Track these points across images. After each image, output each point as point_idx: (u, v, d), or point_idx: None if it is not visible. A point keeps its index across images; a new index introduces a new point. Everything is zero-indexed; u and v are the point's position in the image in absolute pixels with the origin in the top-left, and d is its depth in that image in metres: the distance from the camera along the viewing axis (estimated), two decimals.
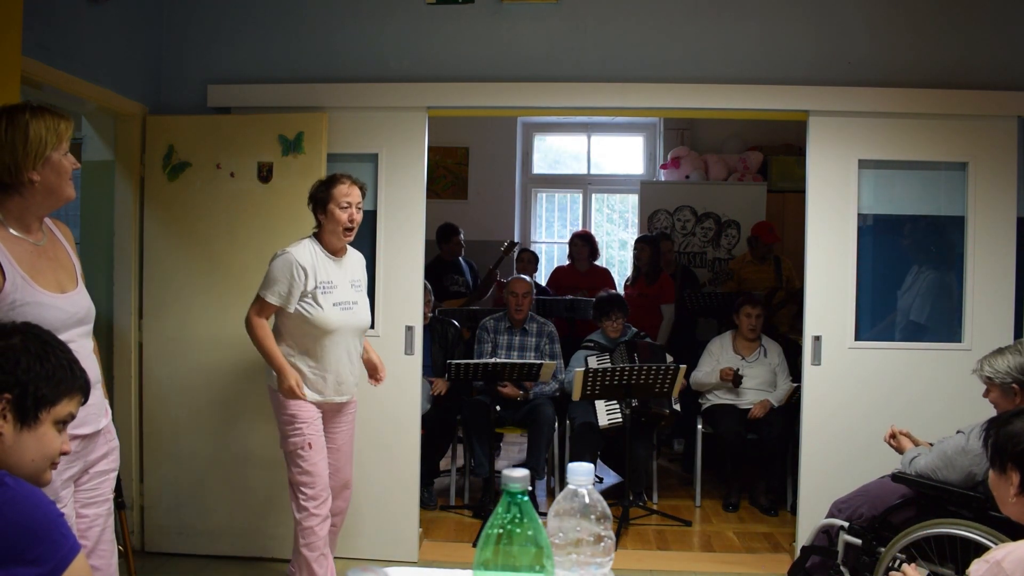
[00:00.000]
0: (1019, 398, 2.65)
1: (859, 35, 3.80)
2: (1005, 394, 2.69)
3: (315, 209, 3.11)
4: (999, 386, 2.69)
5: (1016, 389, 2.66)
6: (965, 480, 2.63)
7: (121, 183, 3.83)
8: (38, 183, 1.93)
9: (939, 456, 2.71)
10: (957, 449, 2.67)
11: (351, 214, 3.06)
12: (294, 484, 3.08)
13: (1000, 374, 2.67)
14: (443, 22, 3.90)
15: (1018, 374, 2.65)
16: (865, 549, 2.73)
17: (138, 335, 3.86)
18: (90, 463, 2.08)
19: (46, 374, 1.53)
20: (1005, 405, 2.69)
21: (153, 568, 3.69)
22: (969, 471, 2.62)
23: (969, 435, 2.67)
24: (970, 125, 3.71)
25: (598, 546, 1.20)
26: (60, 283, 1.99)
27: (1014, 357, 2.68)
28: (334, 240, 3.10)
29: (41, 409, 1.52)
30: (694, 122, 7.30)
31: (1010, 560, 1.62)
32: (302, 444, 3.03)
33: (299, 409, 3.04)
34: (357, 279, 3.21)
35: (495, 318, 4.96)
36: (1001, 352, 2.74)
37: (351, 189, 3.08)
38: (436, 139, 4.88)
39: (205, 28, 3.98)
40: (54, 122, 1.96)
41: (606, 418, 4.56)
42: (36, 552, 1.37)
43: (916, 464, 2.78)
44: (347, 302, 3.09)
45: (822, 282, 3.76)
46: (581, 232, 6.27)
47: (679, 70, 3.84)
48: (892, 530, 2.68)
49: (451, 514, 4.51)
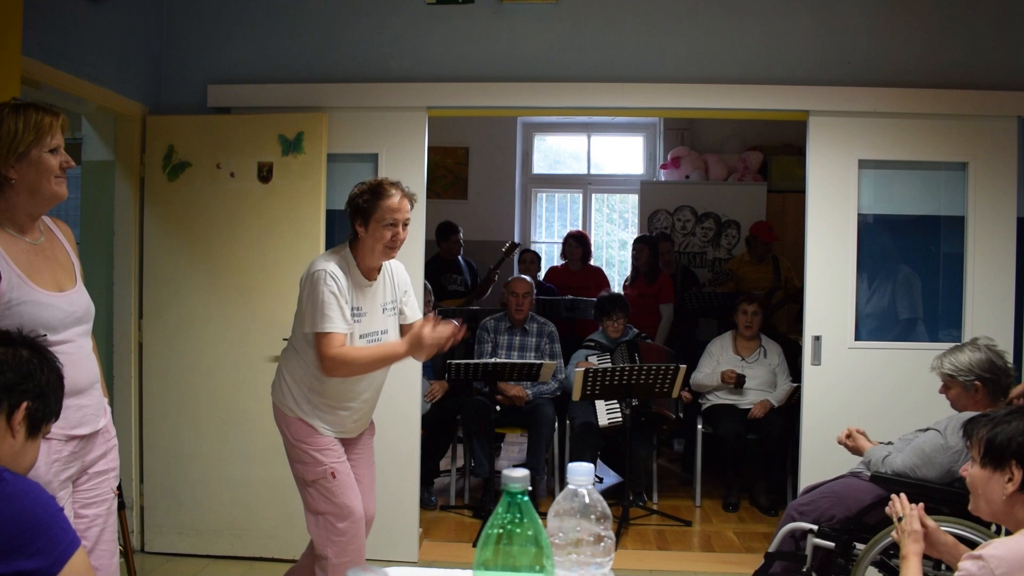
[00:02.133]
0: (980, 395, 2.67)
1: (860, 35, 3.80)
2: (966, 391, 2.71)
3: (355, 220, 2.63)
4: (961, 383, 2.71)
5: (978, 386, 2.68)
6: (944, 477, 2.61)
7: (121, 183, 3.83)
8: (16, 181, 1.89)
9: (917, 454, 2.66)
10: (936, 447, 2.63)
11: (396, 233, 2.60)
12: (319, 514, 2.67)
13: (962, 371, 2.69)
14: (443, 22, 3.90)
15: (981, 371, 2.67)
16: (840, 551, 2.66)
17: (138, 335, 3.86)
18: (88, 463, 2.08)
19: (54, 394, 1.59)
20: (965, 402, 2.71)
21: (153, 568, 3.70)
22: (948, 468, 2.60)
23: (945, 432, 2.63)
24: (970, 125, 3.72)
25: (598, 546, 1.20)
26: (58, 282, 1.98)
27: (974, 353, 2.71)
28: (370, 258, 2.65)
29: (45, 422, 1.58)
30: (694, 122, 7.30)
31: (996, 557, 1.64)
32: (324, 474, 2.63)
33: (315, 436, 2.66)
34: (390, 301, 2.77)
35: (495, 318, 4.96)
36: (960, 349, 2.76)
37: (402, 203, 2.61)
38: (436, 139, 4.88)
39: (205, 28, 3.98)
40: (36, 118, 1.89)
41: (606, 418, 4.56)
42: (36, 546, 1.39)
43: (891, 463, 2.72)
44: (376, 333, 2.69)
45: (822, 282, 3.76)
46: (575, 232, 6.27)
47: (679, 70, 3.84)
48: (869, 531, 2.62)
49: (451, 514, 4.51)
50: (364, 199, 2.61)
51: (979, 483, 1.84)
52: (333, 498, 2.64)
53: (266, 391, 3.07)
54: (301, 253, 3.72)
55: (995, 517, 1.86)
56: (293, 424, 2.69)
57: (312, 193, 3.74)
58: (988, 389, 2.69)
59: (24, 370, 1.53)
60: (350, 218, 2.67)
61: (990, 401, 2.66)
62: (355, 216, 2.63)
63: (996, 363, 2.69)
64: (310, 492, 2.68)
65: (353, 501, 2.67)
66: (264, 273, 3.77)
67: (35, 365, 1.55)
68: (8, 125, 1.87)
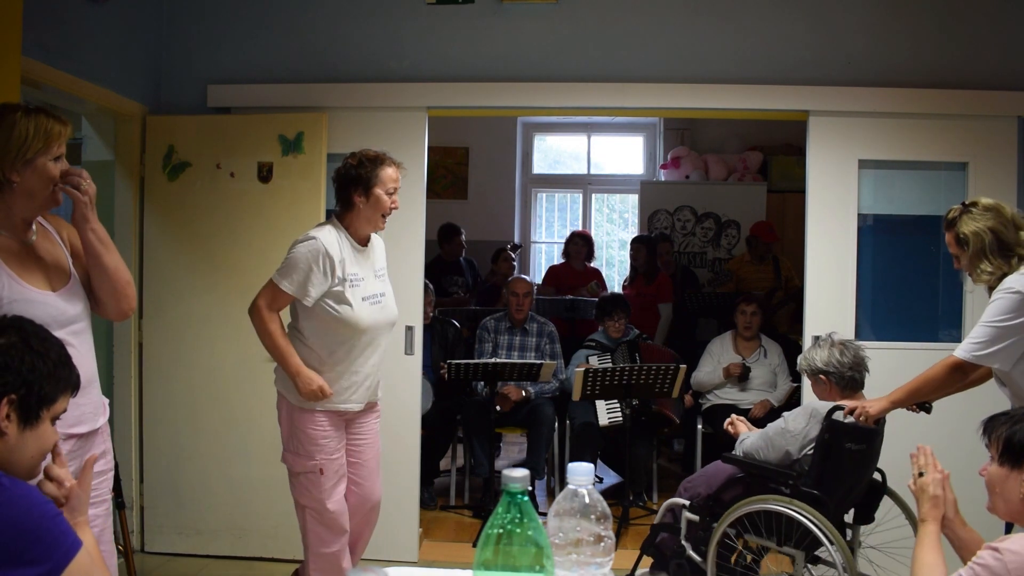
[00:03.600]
0: (827, 385, 2.86)
1: (859, 35, 3.80)
2: (817, 384, 2.92)
3: (352, 190, 2.71)
4: (811, 376, 2.92)
5: (823, 379, 2.87)
6: (782, 459, 2.80)
7: (121, 183, 3.83)
8: (17, 185, 1.89)
9: (762, 437, 2.88)
10: (777, 431, 2.83)
11: (395, 201, 2.75)
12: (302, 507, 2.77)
13: (810, 366, 2.90)
14: (443, 22, 3.90)
15: (822, 366, 2.86)
16: (701, 525, 2.90)
17: (138, 335, 3.86)
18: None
19: (47, 371, 1.51)
20: (819, 391, 2.92)
21: (153, 568, 3.70)
22: (786, 451, 2.79)
23: (788, 418, 2.84)
24: (970, 125, 3.71)
25: (598, 546, 1.20)
26: (51, 281, 1.99)
27: (821, 351, 2.90)
28: (367, 227, 2.77)
29: (43, 407, 1.52)
30: (694, 122, 7.30)
31: (1013, 551, 1.63)
32: (313, 468, 2.71)
33: (315, 426, 2.71)
34: (380, 267, 2.88)
35: (495, 318, 4.96)
36: (814, 347, 2.96)
37: (397, 173, 2.76)
38: (436, 139, 4.89)
39: (205, 28, 3.98)
40: (45, 124, 1.90)
41: (606, 418, 4.56)
42: (34, 552, 1.36)
43: (743, 445, 2.94)
44: (375, 295, 2.78)
45: (822, 282, 3.76)
46: (581, 232, 6.27)
47: (679, 70, 3.84)
48: (723, 507, 2.85)
49: (451, 514, 4.51)
50: (365, 169, 2.70)
51: (996, 481, 1.82)
52: (315, 494, 2.73)
53: (266, 391, 3.07)
54: None
55: (1011, 516, 1.84)
56: (295, 413, 2.75)
57: (312, 193, 3.74)
58: (833, 381, 2.86)
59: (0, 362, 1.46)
60: (345, 189, 2.74)
61: (839, 391, 2.85)
62: (354, 187, 2.71)
63: (839, 359, 2.85)
64: (296, 482, 2.79)
65: (333, 504, 2.75)
66: (264, 273, 3.72)
67: (13, 354, 1.47)
68: (20, 129, 1.87)
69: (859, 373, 2.89)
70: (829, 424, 2.68)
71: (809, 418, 2.79)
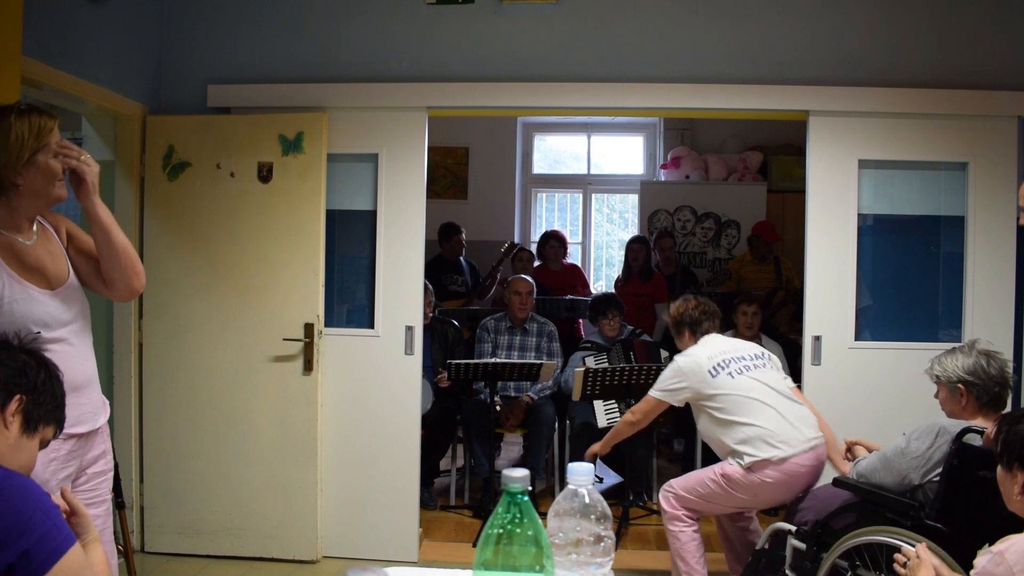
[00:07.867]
0: (964, 399, 2.57)
1: (859, 35, 3.80)
2: (951, 394, 2.61)
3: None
4: (946, 386, 2.62)
5: (962, 390, 2.57)
6: (899, 484, 2.50)
7: (121, 183, 3.83)
8: (22, 186, 1.90)
9: (879, 457, 2.59)
10: (896, 451, 2.53)
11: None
12: None
13: (947, 374, 2.61)
14: (443, 22, 3.90)
15: (965, 375, 2.56)
16: (808, 555, 2.66)
17: (138, 335, 3.86)
18: (87, 463, 2.07)
19: (50, 394, 1.61)
20: (951, 405, 2.63)
21: (153, 568, 3.69)
22: (905, 475, 2.48)
23: (909, 437, 2.53)
24: (970, 125, 3.71)
25: (598, 546, 1.20)
26: (50, 280, 1.99)
27: (964, 358, 2.60)
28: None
29: (41, 422, 1.58)
30: (694, 122, 7.30)
31: (1013, 551, 1.64)
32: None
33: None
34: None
35: (495, 318, 4.96)
36: (952, 352, 2.67)
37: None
38: (436, 139, 4.88)
39: (205, 28, 3.98)
40: (38, 122, 1.90)
41: (605, 418, 4.55)
42: (27, 543, 1.38)
43: (858, 467, 2.66)
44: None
45: (822, 282, 3.76)
46: (554, 232, 6.23)
47: (679, 70, 3.84)
48: (833, 535, 2.60)
49: (451, 514, 4.51)
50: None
51: (1000, 481, 1.88)
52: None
53: (266, 391, 3.07)
54: (301, 253, 3.73)
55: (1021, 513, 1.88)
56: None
57: (312, 193, 3.74)
58: (973, 395, 2.55)
59: (18, 367, 1.56)
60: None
61: (977, 408, 2.54)
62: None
63: (986, 369, 2.55)
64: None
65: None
66: (264, 273, 3.77)
67: (31, 365, 1.59)
68: (16, 131, 1.88)
69: (1004, 390, 2.56)
70: (960, 448, 2.35)
71: (936, 438, 2.45)
